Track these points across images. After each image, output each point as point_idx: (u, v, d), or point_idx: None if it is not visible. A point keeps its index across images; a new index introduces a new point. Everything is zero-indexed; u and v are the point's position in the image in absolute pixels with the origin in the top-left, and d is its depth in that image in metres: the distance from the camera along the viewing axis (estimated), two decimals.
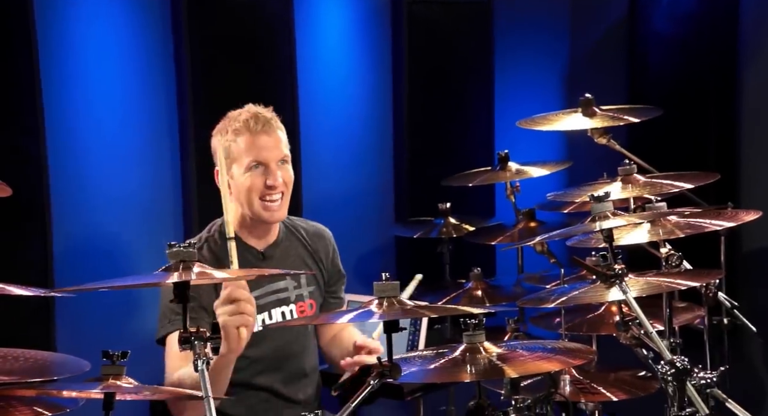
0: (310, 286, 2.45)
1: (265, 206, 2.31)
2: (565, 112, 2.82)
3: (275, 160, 2.32)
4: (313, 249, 2.49)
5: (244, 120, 2.31)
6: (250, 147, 2.29)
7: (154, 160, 3.09)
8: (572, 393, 2.30)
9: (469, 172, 3.18)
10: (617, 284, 1.92)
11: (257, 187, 2.30)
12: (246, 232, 2.37)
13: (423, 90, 3.68)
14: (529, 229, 3.06)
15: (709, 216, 2.22)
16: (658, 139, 3.38)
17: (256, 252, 2.37)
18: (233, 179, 2.32)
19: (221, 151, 2.25)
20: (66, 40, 2.89)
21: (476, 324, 1.87)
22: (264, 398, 2.33)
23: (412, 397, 2.90)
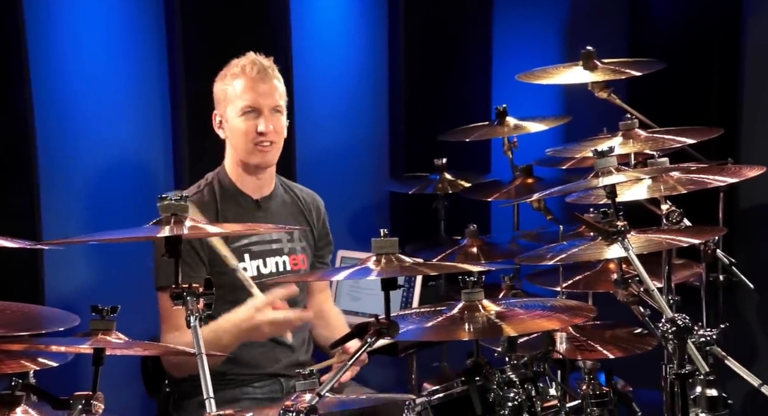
0: (302, 242, 2.50)
1: (257, 149, 2.36)
2: (565, 66, 2.77)
3: (268, 107, 2.37)
4: (306, 209, 2.54)
5: (242, 65, 2.37)
6: (244, 91, 2.35)
7: (143, 110, 3.03)
8: (568, 350, 2.29)
9: (466, 126, 3.14)
10: (619, 241, 1.89)
11: (249, 132, 2.35)
12: (242, 178, 2.42)
13: (420, 43, 3.62)
14: (526, 186, 3.03)
15: (712, 172, 2.18)
16: (658, 93, 3.32)
17: (252, 201, 2.41)
18: (227, 121, 2.38)
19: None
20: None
21: (475, 281, 1.84)
22: (254, 343, 2.34)
23: (405, 354, 2.89)
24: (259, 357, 2.37)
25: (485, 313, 1.83)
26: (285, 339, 2.33)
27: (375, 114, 3.63)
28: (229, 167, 2.42)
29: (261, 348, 2.36)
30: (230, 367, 2.30)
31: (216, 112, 2.41)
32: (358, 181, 3.57)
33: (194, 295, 1.61)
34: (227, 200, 2.38)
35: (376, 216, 3.62)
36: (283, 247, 2.44)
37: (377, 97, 3.63)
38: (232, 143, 2.38)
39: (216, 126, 2.42)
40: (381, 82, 3.63)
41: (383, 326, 1.70)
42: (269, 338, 2.36)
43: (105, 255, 2.88)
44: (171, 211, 1.64)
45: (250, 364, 2.34)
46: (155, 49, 3.03)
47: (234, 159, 2.41)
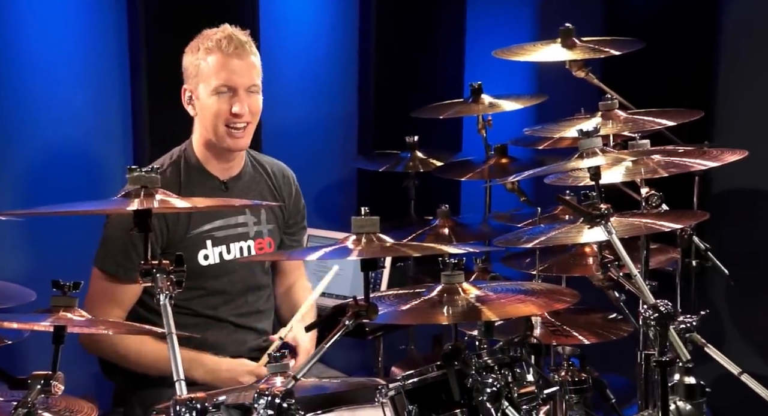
0: (269, 224, 2.44)
1: (230, 132, 2.28)
2: (543, 43, 2.75)
3: (244, 87, 2.28)
4: (277, 187, 2.48)
5: (217, 39, 2.26)
6: (219, 69, 2.25)
7: (100, 79, 2.94)
8: (544, 335, 2.29)
9: (441, 103, 3.12)
10: (602, 224, 1.88)
11: (222, 113, 2.26)
12: (209, 159, 2.34)
13: (392, 15, 3.57)
14: (501, 166, 3.01)
15: (693, 156, 2.19)
16: (632, 74, 3.33)
17: (219, 182, 2.34)
18: (198, 100, 2.28)
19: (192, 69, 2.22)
20: None
21: (455, 263, 1.82)
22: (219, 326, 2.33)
23: (373, 336, 2.88)
24: (224, 340, 2.33)
25: (465, 297, 1.81)
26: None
27: (344, 89, 3.58)
28: (197, 145, 2.33)
29: (225, 329, 2.33)
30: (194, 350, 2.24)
31: (186, 86, 2.29)
32: (326, 158, 3.52)
33: (164, 272, 1.56)
34: (192, 181, 2.30)
35: (343, 195, 3.58)
36: (249, 231, 2.38)
37: (347, 72, 3.58)
38: (203, 123, 2.28)
39: (185, 101, 2.31)
40: (351, 56, 3.58)
41: (362, 308, 1.67)
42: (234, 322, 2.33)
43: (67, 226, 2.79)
44: (141, 184, 1.58)
45: (215, 347, 2.30)
46: (114, 14, 2.93)
47: (202, 137, 2.31)
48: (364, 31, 3.58)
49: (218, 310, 2.32)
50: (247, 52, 2.27)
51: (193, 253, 2.26)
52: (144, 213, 1.56)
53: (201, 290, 2.27)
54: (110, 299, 2.20)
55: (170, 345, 1.50)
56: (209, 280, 2.28)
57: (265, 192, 2.44)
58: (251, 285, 2.38)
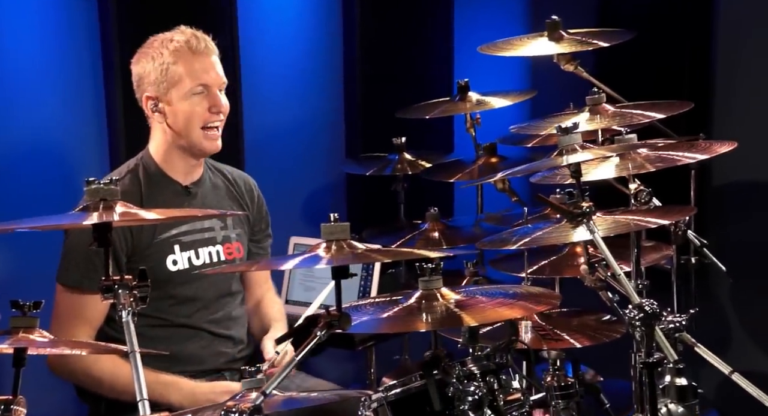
0: (236, 229, 2.46)
1: (206, 135, 2.30)
2: (530, 37, 2.76)
3: (218, 85, 2.30)
4: (238, 193, 2.50)
5: (184, 40, 2.27)
6: (193, 69, 2.27)
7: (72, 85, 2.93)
8: (534, 340, 2.30)
9: (427, 103, 3.12)
10: (584, 223, 1.89)
11: (200, 113, 2.28)
12: (171, 165, 2.35)
13: (376, 13, 3.58)
14: (490, 165, 3.02)
15: (682, 149, 2.20)
16: (627, 66, 3.34)
17: (181, 187, 2.36)
18: (170, 106, 2.28)
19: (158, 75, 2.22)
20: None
21: (433, 268, 1.83)
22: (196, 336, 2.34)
23: (363, 346, 2.88)
24: (199, 352, 2.34)
25: (444, 302, 1.81)
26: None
27: (329, 90, 3.58)
28: (157, 151, 2.35)
29: (200, 341, 2.34)
30: (167, 365, 2.25)
31: (148, 94, 2.29)
32: (312, 163, 3.53)
33: (126, 288, 1.57)
34: (153, 187, 2.32)
35: (331, 200, 3.59)
36: (216, 236, 2.39)
37: (331, 72, 3.58)
38: (176, 128, 2.28)
39: (149, 110, 2.31)
40: (335, 56, 3.58)
41: (334, 318, 1.68)
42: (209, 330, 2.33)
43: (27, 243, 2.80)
44: (99, 196, 1.59)
45: (190, 360, 2.31)
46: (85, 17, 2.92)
47: (166, 144, 2.32)
48: (347, 30, 3.59)
49: (192, 318, 2.33)
50: (213, 50, 2.30)
51: (161, 259, 2.27)
52: (103, 227, 1.57)
53: (172, 299, 2.28)
54: (77, 315, 2.20)
55: (133, 365, 1.51)
56: (179, 287, 2.29)
57: (228, 197, 2.46)
58: (224, 292, 2.40)
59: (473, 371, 1.87)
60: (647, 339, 1.76)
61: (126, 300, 1.56)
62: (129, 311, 1.55)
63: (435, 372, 1.81)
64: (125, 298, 1.56)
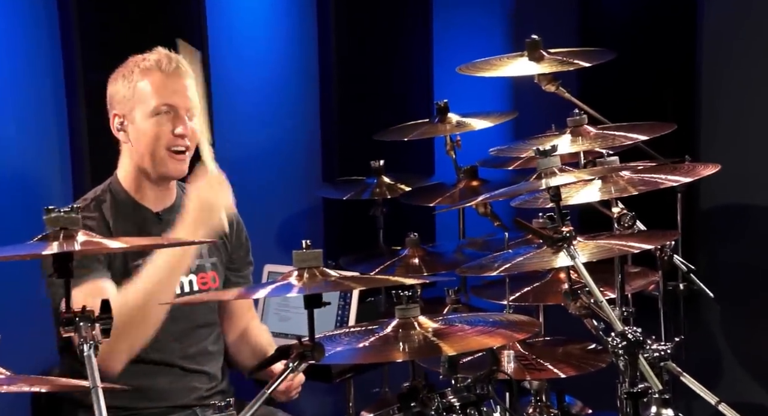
0: (212, 257, 2.45)
1: (171, 156, 2.30)
2: (510, 56, 2.79)
3: (185, 108, 2.32)
4: None
5: (155, 59, 2.30)
6: (159, 88, 2.29)
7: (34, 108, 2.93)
8: (516, 370, 2.31)
9: (405, 124, 3.14)
10: (564, 248, 1.91)
11: (164, 135, 2.29)
12: (141, 190, 2.36)
13: (352, 31, 3.62)
14: (471, 189, 3.03)
15: (665, 171, 2.23)
16: (610, 86, 3.39)
17: (152, 214, 2.36)
18: (133, 124, 2.30)
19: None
20: None
21: (410, 296, 1.84)
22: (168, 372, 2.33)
23: (341, 379, 2.88)
24: (169, 387, 2.32)
25: (421, 331, 1.83)
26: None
27: (304, 111, 3.60)
28: (125, 176, 2.35)
29: (170, 376, 2.32)
30: (132, 400, 2.24)
31: (115, 112, 2.32)
32: (287, 187, 3.54)
33: (88, 320, 1.57)
34: (121, 215, 2.32)
35: (307, 226, 3.60)
36: (191, 265, 2.37)
37: (306, 93, 3.61)
38: (139, 149, 2.30)
39: (115, 129, 2.33)
40: (310, 76, 3.61)
41: (307, 348, 1.69)
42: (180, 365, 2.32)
43: None
44: (60, 225, 1.60)
45: (159, 396, 2.30)
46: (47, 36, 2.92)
47: (133, 166, 2.33)
48: (323, 49, 3.61)
49: (164, 353, 2.32)
50: (187, 73, 2.32)
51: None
52: (64, 257, 1.57)
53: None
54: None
55: (95, 400, 1.50)
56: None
57: None
58: (197, 324, 2.39)
59: (453, 403, 1.89)
60: (631, 368, 1.78)
61: (88, 333, 1.56)
62: (91, 344, 1.55)
63: (413, 404, 1.82)
64: (87, 331, 1.56)
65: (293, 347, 1.71)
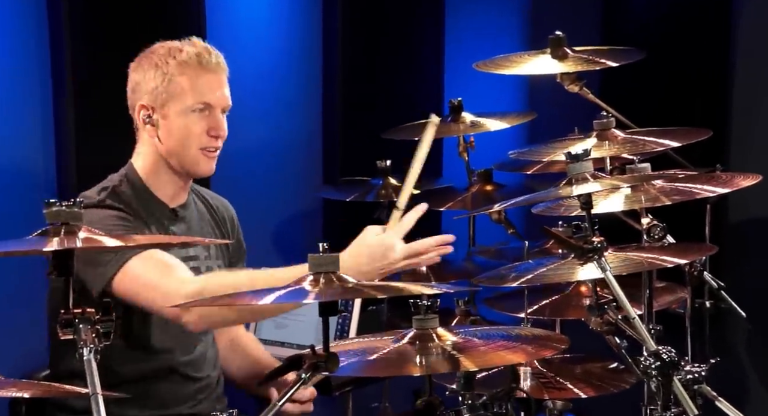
0: (218, 260, 2.46)
1: (204, 155, 2.30)
2: (531, 54, 2.79)
3: (222, 106, 2.32)
4: (220, 219, 2.51)
5: (195, 53, 2.28)
6: (198, 85, 2.28)
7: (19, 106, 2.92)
8: (534, 388, 2.30)
9: (414, 123, 3.12)
10: (595, 260, 1.90)
11: (197, 134, 2.28)
12: (159, 185, 2.34)
13: (359, 24, 3.60)
14: (485, 193, 3.04)
15: (701, 181, 2.22)
16: (635, 88, 3.38)
17: (168, 210, 2.35)
18: (165, 119, 2.28)
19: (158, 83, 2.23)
20: None
21: (428, 306, 1.82)
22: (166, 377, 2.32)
23: (340, 392, 2.86)
24: (164, 394, 2.31)
25: (440, 344, 1.81)
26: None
27: (305, 108, 3.59)
28: (144, 168, 2.33)
29: (166, 382, 2.31)
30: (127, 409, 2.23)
31: (143, 103, 2.28)
32: (287, 188, 3.52)
33: (88, 322, 1.54)
34: (139, 208, 2.30)
35: (307, 229, 3.59)
36: (200, 265, 2.38)
37: (308, 88, 3.59)
38: (168, 145, 2.28)
39: (141, 121, 2.30)
40: (313, 71, 3.59)
41: (320, 359, 1.67)
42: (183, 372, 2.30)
43: None
44: (61, 220, 1.58)
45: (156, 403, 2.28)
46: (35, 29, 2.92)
47: (155, 159, 2.31)
48: (328, 42, 3.60)
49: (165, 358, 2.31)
50: (224, 68, 2.32)
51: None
52: (64, 254, 1.55)
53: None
54: (166, 262, 2.16)
55: (94, 408, 1.48)
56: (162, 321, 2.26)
57: (212, 224, 2.47)
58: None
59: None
60: (664, 390, 1.76)
61: (88, 336, 1.53)
62: (91, 348, 1.53)
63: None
64: (87, 334, 1.54)
65: (305, 357, 1.68)
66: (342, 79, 3.60)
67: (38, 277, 1.88)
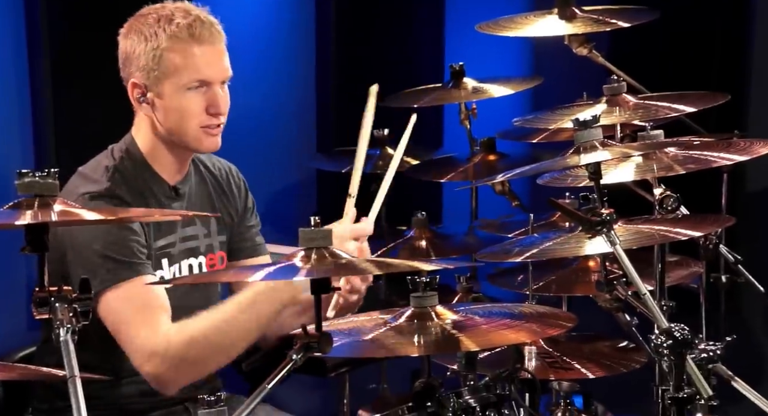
0: (221, 235, 2.42)
1: (206, 133, 2.26)
2: (536, 14, 2.78)
3: (220, 80, 2.27)
4: (227, 185, 2.47)
5: (186, 24, 2.21)
6: (192, 61, 2.21)
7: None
8: (539, 368, 2.29)
9: (414, 89, 3.14)
10: (604, 233, 1.88)
11: (195, 112, 2.23)
12: (160, 160, 2.30)
13: None
14: (487, 164, 3.04)
15: (717, 149, 2.21)
16: (648, 50, 3.36)
17: (168, 188, 2.32)
18: (161, 98, 2.23)
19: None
20: None
21: (427, 283, 1.82)
22: None
23: (336, 373, 2.86)
24: None
25: (439, 323, 1.80)
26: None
27: (296, 73, 3.59)
28: (144, 143, 2.29)
29: None
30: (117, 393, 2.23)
31: (136, 80, 2.23)
32: (278, 158, 3.52)
33: (65, 301, 1.53)
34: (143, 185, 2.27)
35: (299, 202, 3.60)
36: (200, 245, 2.35)
37: (301, 53, 3.59)
38: (166, 125, 2.23)
39: (135, 99, 2.25)
40: (306, 34, 3.59)
41: (313, 339, 1.66)
42: None
43: None
44: (34, 191, 1.56)
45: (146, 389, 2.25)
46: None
47: (151, 133, 2.27)
48: (321, 4, 3.60)
49: None
50: (220, 37, 2.25)
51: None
52: (39, 228, 1.53)
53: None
54: (153, 306, 2.14)
55: (72, 392, 1.47)
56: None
57: (215, 195, 2.43)
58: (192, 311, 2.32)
59: (471, 404, 1.87)
60: (677, 370, 1.76)
61: (64, 315, 1.52)
62: (68, 328, 1.51)
63: (428, 404, 1.80)
64: (63, 313, 1.52)
65: (297, 337, 1.68)
66: (336, 44, 3.60)
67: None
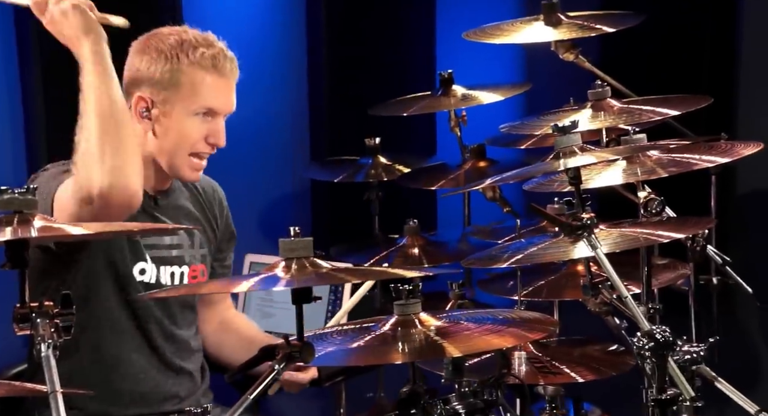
0: (202, 249, 2.45)
1: (191, 164, 2.30)
2: (523, 21, 2.79)
3: (225, 113, 2.31)
4: (208, 202, 2.49)
5: (211, 55, 2.26)
6: (208, 90, 2.26)
7: None
8: (529, 373, 2.30)
9: (405, 97, 3.14)
10: (584, 237, 1.90)
11: (194, 138, 2.28)
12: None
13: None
14: (478, 170, 3.04)
15: (699, 151, 2.22)
16: (636, 55, 3.36)
17: (148, 197, 2.33)
18: (167, 117, 2.27)
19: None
20: None
21: (410, 290, 1.83)
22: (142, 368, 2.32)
23: (331, 382, 2.87)
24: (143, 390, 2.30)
25: (423, 329, 1.81)
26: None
27: (289, 82, 3.60)
28: None
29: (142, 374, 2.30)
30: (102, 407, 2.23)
31: (140, 94, 2.25)
32: (271, 168, 3.54)
33: (46, 316, 1.55)
34: None
35: (293, 212, 3.60)
36: (184, 255, 2.37)
37: (293, 62, 3.60)
38: (162, 144, 2.26)
39: (137, 113, 2.26)
40: (298, 43, 3.60)
41: (295, 349, 1.68)
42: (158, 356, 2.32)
43: None
44: (14, 208, 1.57)
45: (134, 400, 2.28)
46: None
47: (140, 146, 2.25)
48: (312, 12, 3.60)
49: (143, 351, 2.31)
50: (236, 73, 2.31)
51: (131, 262, 2.26)
52: (18, 244, 1.55)
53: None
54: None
55: (54, 407, 1.49)
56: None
57: (198, 209, 2.45)
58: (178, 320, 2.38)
59: (458, 410, 1.88)
60: (659, 372, 1.77)
61: (46, 331, 1.54)
62: (49, 344, 1.53)
63: (413, 411, 1.81)
64: (45, 329, 1.54)
65: (279, 347, 1.69)
66: (328, 53, 3.60)
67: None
